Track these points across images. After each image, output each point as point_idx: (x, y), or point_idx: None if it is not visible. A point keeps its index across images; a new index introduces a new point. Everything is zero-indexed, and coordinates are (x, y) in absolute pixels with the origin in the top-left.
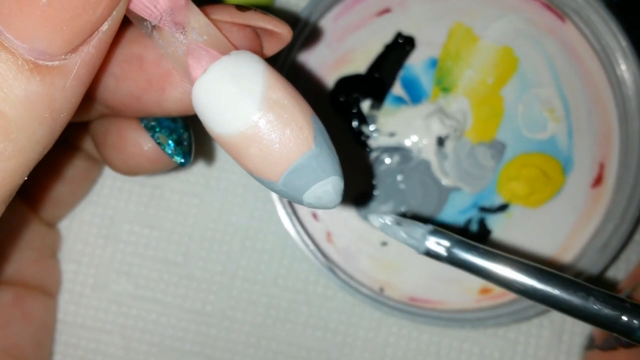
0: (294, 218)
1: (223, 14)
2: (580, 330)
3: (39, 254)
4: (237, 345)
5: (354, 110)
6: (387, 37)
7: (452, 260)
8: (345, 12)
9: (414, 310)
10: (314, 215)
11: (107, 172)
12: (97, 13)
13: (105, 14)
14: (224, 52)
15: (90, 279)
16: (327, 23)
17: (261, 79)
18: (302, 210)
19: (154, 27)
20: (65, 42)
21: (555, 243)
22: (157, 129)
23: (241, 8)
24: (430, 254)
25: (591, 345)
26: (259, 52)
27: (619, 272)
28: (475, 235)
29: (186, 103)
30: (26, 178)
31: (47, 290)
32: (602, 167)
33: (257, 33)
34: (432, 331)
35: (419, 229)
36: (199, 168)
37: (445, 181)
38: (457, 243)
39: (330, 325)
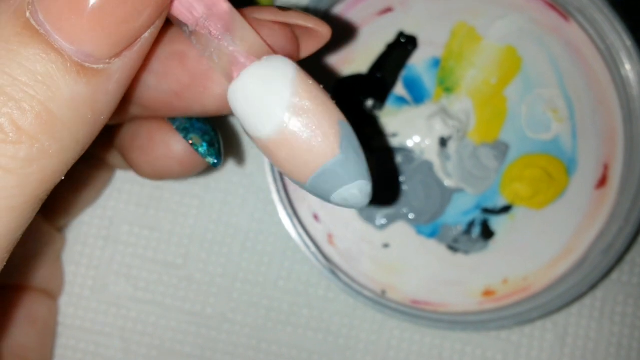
0: (295, 220)
1: (266, 14)
2: (584, 333)
3: (46, 258)
4: (237, 348)
5: (356, 111)
6: (389, 37)
7: None
8: (347, 12)
9: (416, 313)
10: (315, 217)
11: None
12: (142, 20)
13: (151, 22)
14: (259, 55)
15: (90, 281)
16: (329, 23)
17: (290, 85)
18: (303, 212)
19: (191, 32)
20: (112, 47)
21: (559, 245)
22: (191, 130)
23: (282, 8)
24: None
25: None
26: (296, 52)
27: (623, 274)
28: (478, 237)
29: (226, 100)
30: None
31: (50, 293)
32: (606, 168)
33: (295, 33)
34: (435, 334)
35: None
36: None
37: (447, 182)
38: None
39: (332, 328)
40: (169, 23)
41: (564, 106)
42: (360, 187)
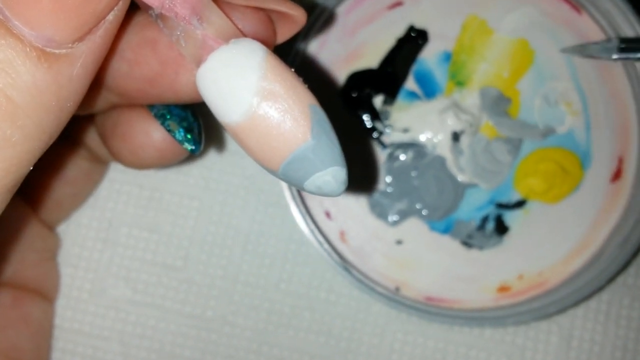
0: (307, 217)
1: None
2: (589, 337)
3: (39, 256)
4: (238, 351)
5: (367, 106)
6: (399, 31)
7: None
8: (356, 6)
9: (431, 309)
10: (327, 214)
11: (106, 174)
12: (104, 2)
13: (113, 3)
14: (228, 39)
15: (88, 284)
16: (338, 17)
17: (257, 69)
18: (315, 209)
19: (157, 15)
20: (73, 30)
21: (574, 239)
22: (168, 117)
23: None
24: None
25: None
26: (272, 36)
27: (628, 277)
28: (492, 232)
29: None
30: (28, 177)
31: (45, 294)
32: (620, 161)
33: (270, 17)
34: (438, 337)
35: None
36: (199, 170)
37: (460, 177)
38: None
39: (334, 331)
40: (138, 9)
41: (577, 99)
42: (334, 174)
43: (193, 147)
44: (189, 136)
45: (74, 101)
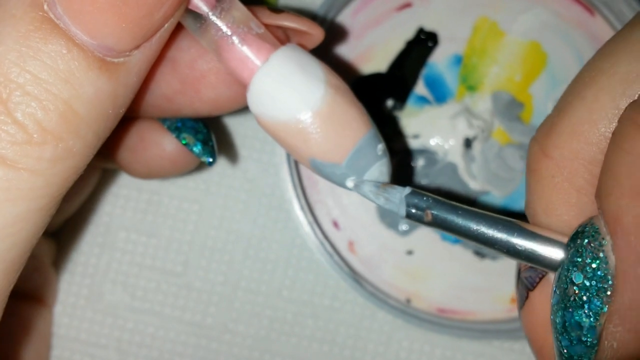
0: (315, 227)
1: (259, 17)
2: None
3: (36, 262)
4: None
5: (375, 112)
6: (409, 33)
7: (432, 223)
8: (364, 7)
9: (443, 322)
10: (335, 224)
11: (103, 177)
12: (164, 10)
13: (171, 13)
14: (275, 46)
15: (85, 290)
16: (345, 19)
17: (319, 65)
18: (323, 218)
19: (205, 22)
20: (133, 39)
21: None
22: (182, 129)
23: (274, 10)
24: (410, 217)
25: None
26: None
27: None
28: None
29: (220, 103)
30: None
31: (44, 300)
32: None
33: (287, 35)
34: (445, 345)
35: (397, 193)
36: (198, 173)
37: (473, 185)
38: (435, 204)
39: (338, 339)
40: None
41: None
42: (388, 165)
43: (211, 160)
44: (206, 149)
45: (126, 107)
